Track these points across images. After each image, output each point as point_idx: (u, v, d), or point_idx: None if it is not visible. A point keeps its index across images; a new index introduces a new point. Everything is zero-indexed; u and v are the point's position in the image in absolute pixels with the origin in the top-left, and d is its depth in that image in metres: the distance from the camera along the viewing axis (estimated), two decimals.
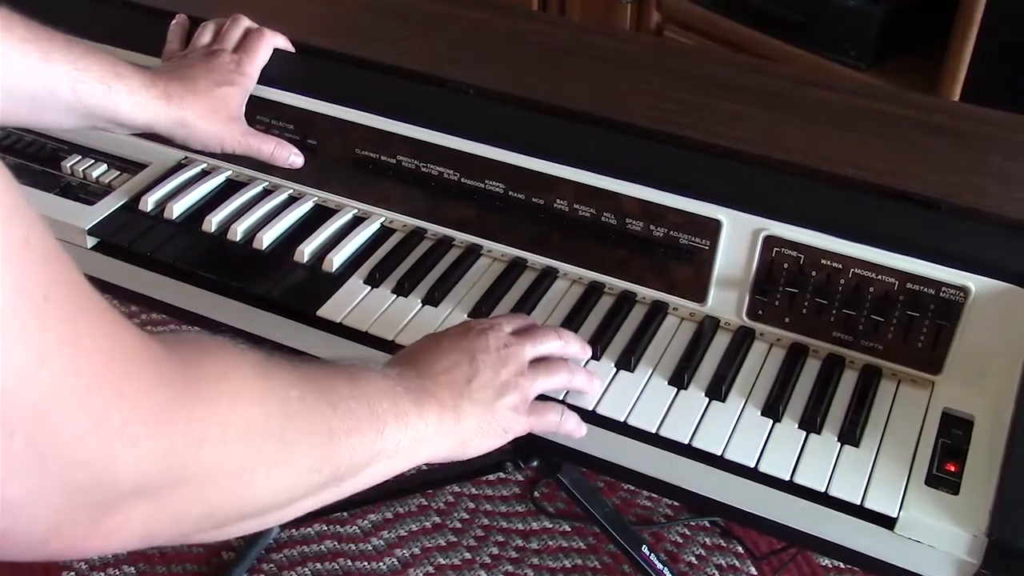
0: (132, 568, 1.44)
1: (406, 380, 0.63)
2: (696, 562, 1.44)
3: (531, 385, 0.70)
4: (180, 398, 0.42)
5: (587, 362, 0.78)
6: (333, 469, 0.54)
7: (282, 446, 0.50)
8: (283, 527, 1.47)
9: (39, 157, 0.96)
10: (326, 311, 0.81)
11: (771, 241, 0.76)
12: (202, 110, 0.84)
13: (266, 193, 0.92)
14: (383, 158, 0.88)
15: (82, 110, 0.78)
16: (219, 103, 0.85)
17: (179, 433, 0.41)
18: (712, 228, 0.78)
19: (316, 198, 0.92)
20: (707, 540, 1.47)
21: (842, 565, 1.41)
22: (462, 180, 0.85)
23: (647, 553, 1.17)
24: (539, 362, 0.72)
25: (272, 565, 1.44)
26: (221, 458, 0.45)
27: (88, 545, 0.40)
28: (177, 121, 0.83)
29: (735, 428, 0.73)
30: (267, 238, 0.87)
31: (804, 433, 0.72)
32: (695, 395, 0.75)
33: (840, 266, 0.74)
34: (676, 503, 1.48)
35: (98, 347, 0.37)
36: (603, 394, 0.75)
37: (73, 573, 1.43)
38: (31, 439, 0.35)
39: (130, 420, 0.38)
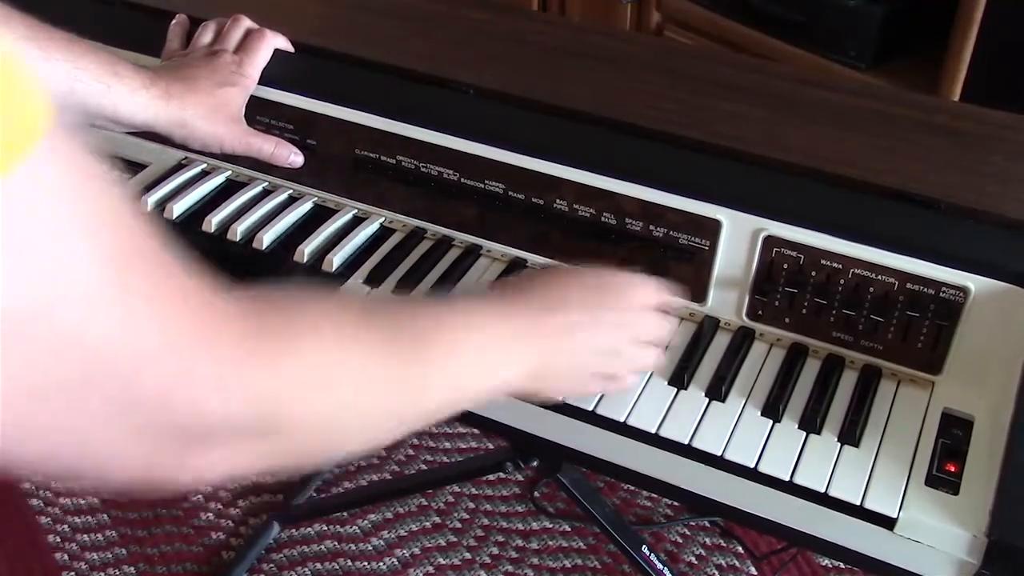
0: (132, 568, 1.44)
1: (514, 309, 0.63)
2: (696, 562, 1.44)
3: (628, 363, 0.70)
4: (270, 344, 0.43)
5: None
6: (418, 410, 0.56)
7: (369, 395, 0.51)
8: (283, 527, 1.47)
9: None
10: None
11: (771, 241, 0.76)
12: (203, 110, 0.84)
13: (266, 193, 0.92)
14: (383, 158, 0.88)
15: (81, 109, 0.78)
16: (220, 104, 0.85)
17: (266, 383, 0.43)
18: (712, 228, 0.78)
19: (316, 198, 0.92)
20: (707, 540, 1.47)
21: (842, 565, 1.41)
22: (462, 180, 0.85)
23: (647, 553, 1.18)
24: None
25: (272, 565, 1.44)
26: (308, 408, 0.46)
27: (179, 481, 0.43)
28: (177, 121, 0.83)
29: (735, 428, 0.73)
30: (267, 238, 0.87)
31: (804, 433, 0.72)
32: (695, 395, 0.75)
33: (840, 266, 0.74)
34: (676, 503, 1.48)
35: (184, 303, 0.39)
36: (602, 394, 0.75)
37: (73, 573, 1.43)
38: (123, 391, 0.37)
39: (218, 371, 0.40)
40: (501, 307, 0.63)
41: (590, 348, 0.67)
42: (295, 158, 0.90)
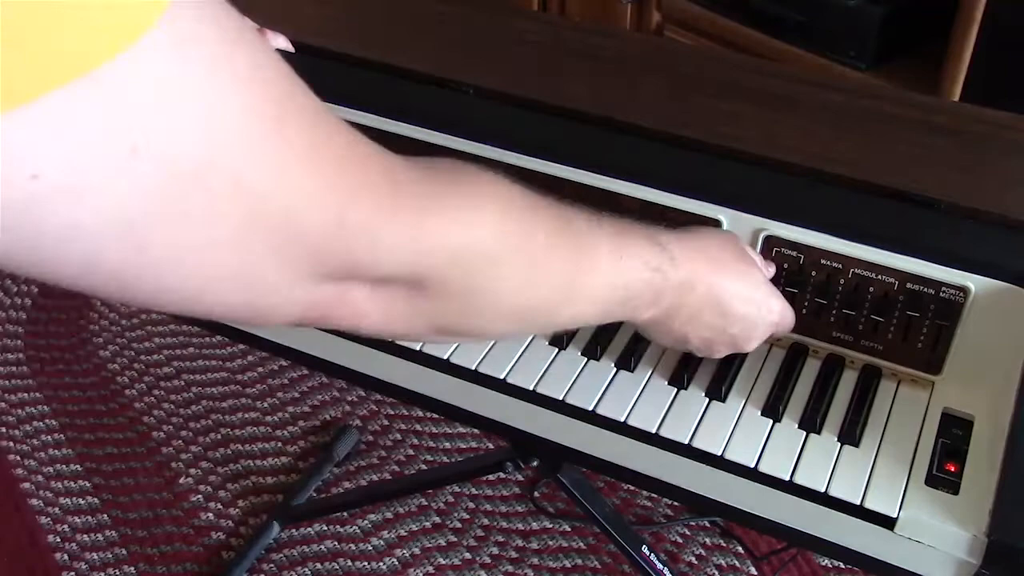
0: (132, 568, 1.44)
1: (667, 255, 0.63)
2: (696, 562, 1.44)
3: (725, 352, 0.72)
4: (423, 210, 0.45)
5: (587, 362, 0.78)
6: (558, 312, 0.57)
7: (518, 283, 0.52)
8: (283, 527, 1.47)
9: None
10: None
11: (771, 241, 0.76)
12: None
13: None
14: None
15: None
16: None
17: (415, 240, 0.44)
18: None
19: None
20: (707, 540, 1.47)
21: (842, 565, 1.41)
22: None
23: (647, 553, 1.17)
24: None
25: (272, 565, 1.44)
26: (458, 275, 0.48)
27: (340, 319, 0.46)
28: None
29: (735, 428, 0.73)
30: None
31: (804, 433, 0.72)
32: (695, 395, 0.75)
33: (840, 266, 0.74)
34: (676, 503, 1.48)
35: (340, 152, 0.40)
36: (603, 394, 0.75)
37: (73, 573, 1.43)
38: (280, 234, 0.38)
39: (370, 224, 0.42)
40: (668, 244, 0.63)
41: (707, 341, 0.69)
42: None
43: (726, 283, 0.67)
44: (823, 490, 0.68)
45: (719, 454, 0.71)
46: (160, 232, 0.34)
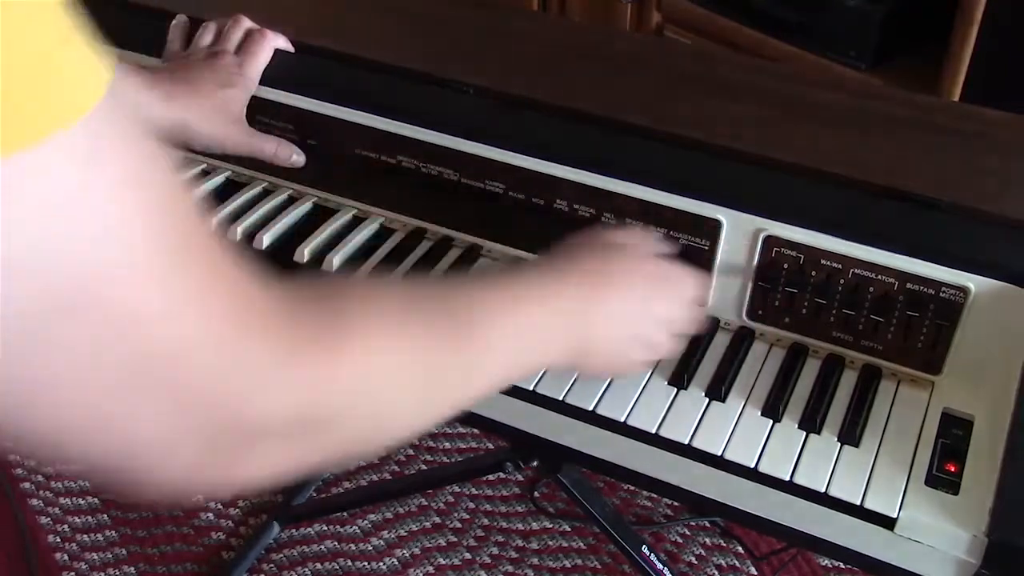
0: (132, 568, 1.44)
1: (564, 289, 0.63)
2: (696, 562, 1.44)
3: (657, 349, 0.70)
4: (316, 341, 0.42)
5: None
6: (464, 395, 0.55)
7: (418, 386, 0.50)
8: (283, 527, 1.47)
9: None
10: None
11: (771, 241, 0.76)
12: (204, 112, 0.84)
13: (266, 193, 0.92)
14: (383, 158, 0.88)
15: None
16: (221, 105, 0.85)
17: (314, 377, 0.41)
18: (712, 228, 0.78)
19: (316, 198, 0.92)
20: (707, 540, 1.47)
21: (842, 565, 1.41)
22: (462, 180, 0.85)
23: (647, 553, 1.17)
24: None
25: (272, 565, 1.44)
26: (356, 401, 0.45)
27: (224, 484, 0.41)
28: (179, 123, 0.83)
29: (735, 428, 0.73)
30: (267, 238, 0.87)
31: (804, 433, 0.72)
32: (695, 395, 0.75)
33: (840, 266, 0.74)
34: (676, 503, 1.48)
35: (235, 292, 0.38)
36: (603, 394, 0.75)
37: (73, 573, 1.43)
38: (170, 382, 0.35)
39: (265, 363, 0.39)
40: (549, 284, 0.63)
41: (632, 335, 0.68)
42: (297, 158, 0.90)
43: (611, 304, 0.66)
44: (823, 490, 0.68)
45: (719, 454, 0.71)
46: (23, 365, 0.31)
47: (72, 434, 0.35)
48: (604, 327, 0.65)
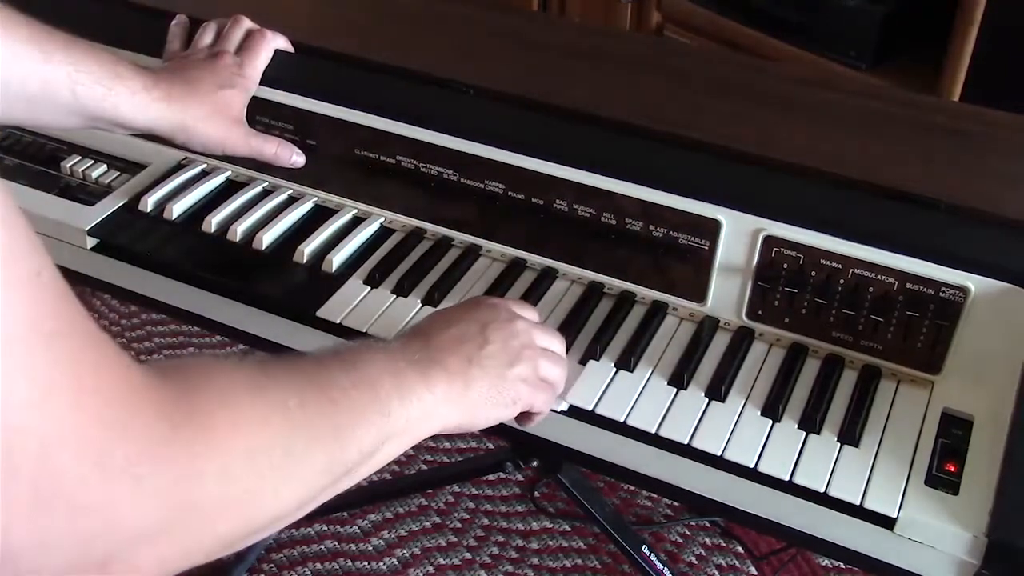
0: None
1: (410, 352, 0.62)
2: (696, 562, 1.44)
3: (540, 361, 0.68)
4: (179, 431, 0.41)
5: (587, 362, 0.78)
6: (343, 465, 0.54)
7: (289, 460, 0.49)
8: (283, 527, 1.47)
9: (39, 157, 0.96)
10: (326, 311, 0.81)
11: (771, 241, 0.76)
12: (204, 113, 0.84)
13: (266, 193, 0.92)
14: (383, 158, 0.88)
15: (82, 111, 0.78)
16: (221, 106, 0.85)
17: (181, 468, 0.40)
18: (712, 228, 0.78)
19: (316, 198, 0.92)
20: (707, 540, 1.47)
21: (842, 565, 1.41)
22: (462, 180, 0.85)
23: (647, 553, 1.18)
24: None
25: (272, 565, 1.44)
26: (226, 487, 0.44)
27: None
28: (178, 124, 0.83)
29: (735, 428, 0.73)
30: (267, 238, 0.87)
31: (804, 433, 0.72)
32: (695, 395, 0.75)
33: (840, 266, 0.74)
34: (676, 503, 1.48)
35: (101, 383, 0.37)
36: (603, 394, 0.75)
37: None
38: (36, 482, 0.34)
39: (132, 458, 0.38)
40: (391, 359, 0.60)
41: (499, 368, 0.66)
42: (297, 158, 0.90)
43: (475, 370, 0.64)
44: (823, 490, 0.68)
45: (719, 454, 0.71)
46: None
47: None
48: (475, 385, 0.64)
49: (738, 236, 0.77)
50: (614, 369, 0.77)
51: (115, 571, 0.39)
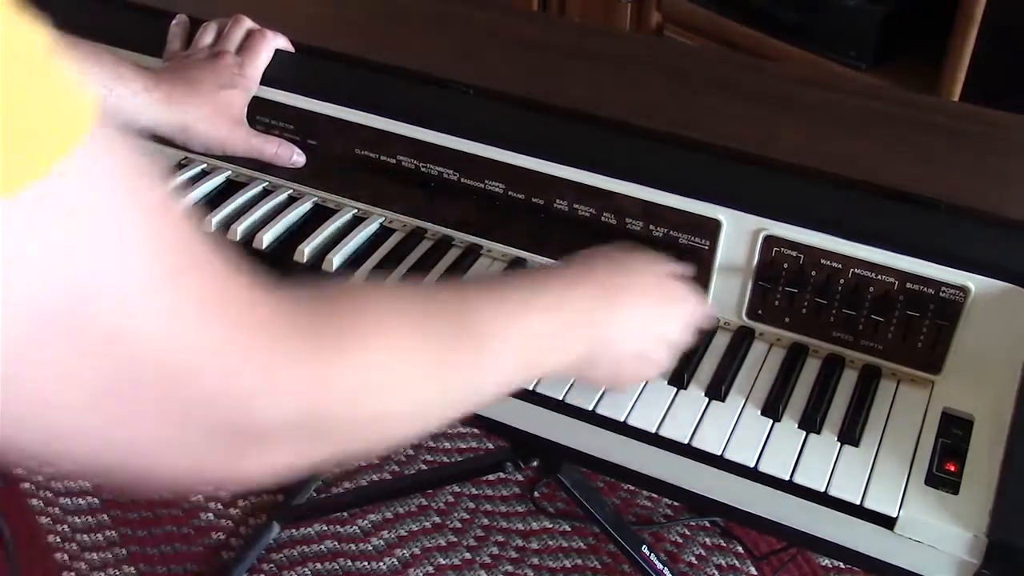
0: (132, 568, 1.44)
1: (580, 300, 0.62)
2: (696, 562, 1.44)
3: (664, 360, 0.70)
4: (317, 343, 0.42)
5: None
6: (470, 398, 0.55)
7: (420, 388, 0.50)
8: (283, 527, 1.47)
9: None
10: None
11: (771, 241, 0.76)
12: (204, 113, 0.84)
13: (266, 193, 0.92)
14: (383, 158, 0.88)
15: None
16: (222, 106, 0.85)
17: (315, 378, 0.42)
18: (712, 228, 0.78)
19: (316, 198, 0.92)
20: (707, 540, 1.47)
21: (842, 565, 1.41)
22: (462, 180, 0.85)
23: (647, 553, 1.17)
24: None
25: (272, 565, 1.44)
26: (358, 402, 0.45)
27: (230, 481, 0.42)
28: (179, 124, 0.83)
29: (735, 428, 0.73)
30: (267, 238, 0.87)
31: (804, 433, 0.72)
32: (695, 395, 0.75)
33: (840, 266, 0.74)
34: (676, 503, 1.48)
35: (233, 300, 0.38)
36: (603, 393, 0.75)
37: (73, 573, 1.43)
38: (173, 392, 0.36)
39: (265, 367, 0.39)
40: (561, 292, 0.62)
41: (638, 351, 0.67)
42: (297, 158, 0.90)
43: (622, 317, 0.65)
44: (823, 490, 0.68)
45: (719, 454, 0.71)
46: (28, 377, 0.32)
47: (78, 442, 0.35)
48: (612, 340, 0.65)
49: (738, 236, 0.77)
50: None
51: (245, 467, 0.41)
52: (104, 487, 1.54)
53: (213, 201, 0.91)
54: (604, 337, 0.64)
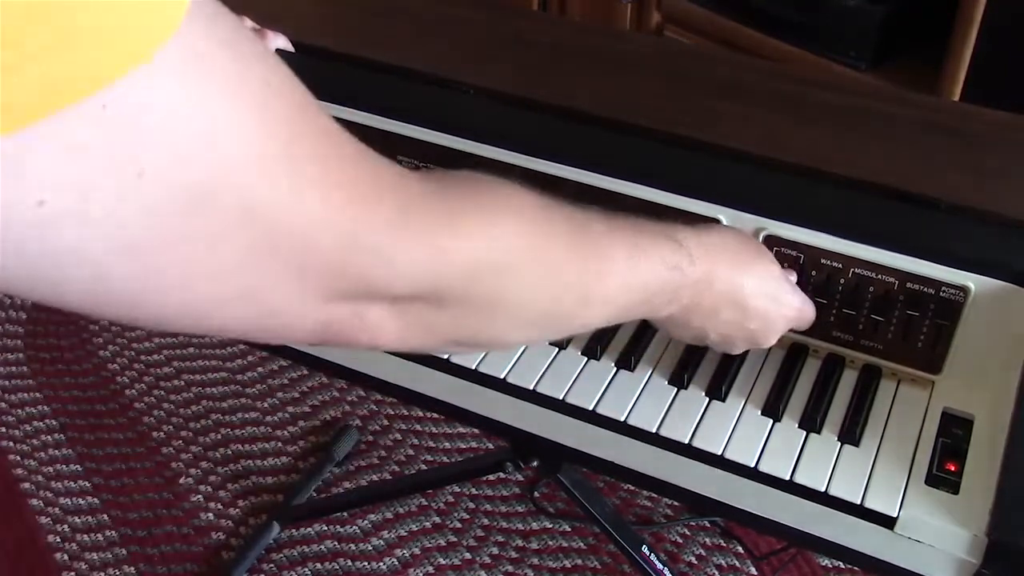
0: (132, 568, 1.44)
1: (686, 262, 0.63)
2: (696, 562, 1.44)
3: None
4: (440, 217, 0.44)
5: (587, 362, 0.78)
6: (577, 317, 0.56)
7: (538, 286, 0.51)
8: (283, 527, 1.47)
9: None
10: None
11: (771, 241, 0.76)
12: None
13: None
14: None
15: None
16: None
17: (431, 256, 0.44)
18: None
19: None
20: (707, 540, 1.47)
21: (842, 565, 1.41)
22: None
23: (647, 553, 1.17)
24: None
25: (272, 565, 1.44)
26: (476, 280, 0.47)
27: (356, 338, 0.45)
28: None
29: (735, 428, 0.73)
30: None
31: (804, 433, 0.72)
32: (695, 395, 0.75)
33: (840, 266, 0.75)
34: (676, 503, 1.48)
35: (347, 176, 0.39)
36: (603, 394, 0.75)
37: (73, 574, 1.43)
38: (292, 256, 0.38)
39: (384, 243, 0.41)
40: (685, 252, 0.63)
41: (726, 336, 0.69)
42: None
43: (744, 279, 0.67)
44: (823, 490, 0.68)
45: (719, 454, 0.71)
46: (168, 256, 0.34)
47: (215, 311, 0.38)
48: (717, 301, 0.66)
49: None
50: (615, 368, 0.77)
51: (369, 325, 0.44)
52: (104, 487, 1.54)
53: None
54: (724, 289, 0.65)
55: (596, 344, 0.78)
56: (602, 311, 0.58)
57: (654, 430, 0.73)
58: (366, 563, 1.45)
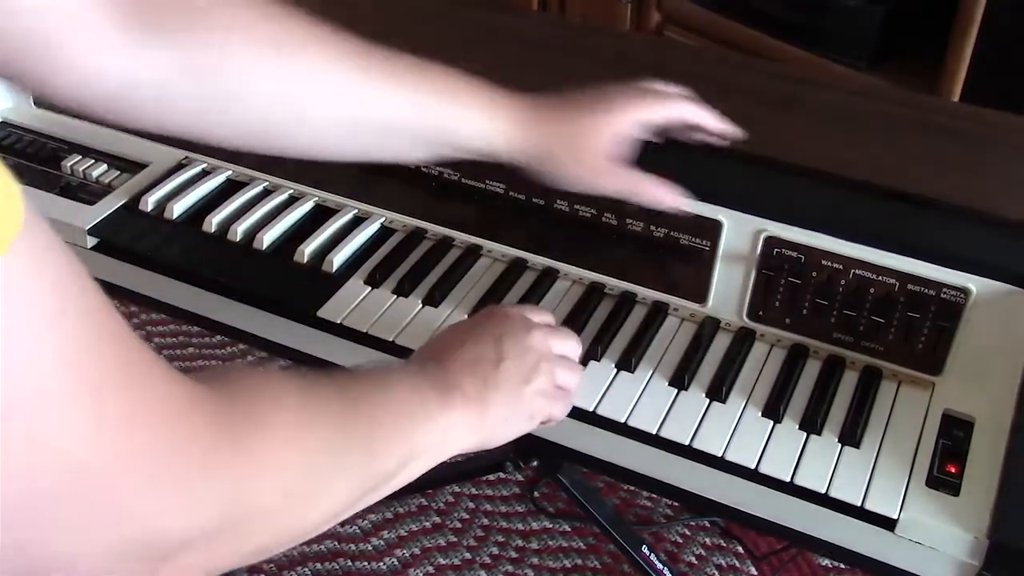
0: None
1: (431, 377, 0.61)
2: (696, 562, 1.44)
3: (556, 370, 0.66)
4: (230, 442, 0.42)
5: (587, 363, 0.78)
6: (374, 480, 0.54)
7: (331, 472, 0.50)
8: None
9: (39, 157, 0.96)
10: (326, 311, 0.81)
11: (771, 242, 0.76)
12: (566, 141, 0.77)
13: (266, 193, 0.92)
14: None
15: (421, 136, 0.72)
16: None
17: (231, 478, 0.41)
18: (712, 228, 0.78)
19: (316, 198, 0.92)
20: (707, 540, 1.47)
21: (842, 566, 1.41)
22: (462, 180, 0.85)
23: (647, 553, 1.17)
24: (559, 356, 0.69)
25: (272, 565, 1.44)
26: (273, 496, 0.45)
27: None
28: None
29: (736, 429, 0.73)
30: (267, 238, 0.87)
31: (805, 434, 0.72)
32: (696, 396, 0.75)
33: (840, 267, 0.74)
34: (676, 503, 1.48)
35: (150, 405, 0.38)
36: (604, 394, 0.75)
37: None
38: (88, 499, 0.35)
39: (183, 473, 0.39)
40: (416, 383, 0.61)
41: (516, 385, 0.64)
42: (676, 199, 0.76)
43: (491, 392, 0.63)
44: (824, 491, 0.68)
45: (720, 455, 0.71)
46: None
47: (5, 552, 0.34)
48: (495, 403, 0.64)
49: (739, 236, 0.77)
50: (615, 370, 0.77)
51: (163, 573, 0.40)
52: None
53: (214, 201, 0.91)
54: (490, 408, 0.63)
55: (597, 345, 0.78)
56: (401, 479, 0.57)
57: (654, 431, 0.73)
58: (366, 563, 1.45)
